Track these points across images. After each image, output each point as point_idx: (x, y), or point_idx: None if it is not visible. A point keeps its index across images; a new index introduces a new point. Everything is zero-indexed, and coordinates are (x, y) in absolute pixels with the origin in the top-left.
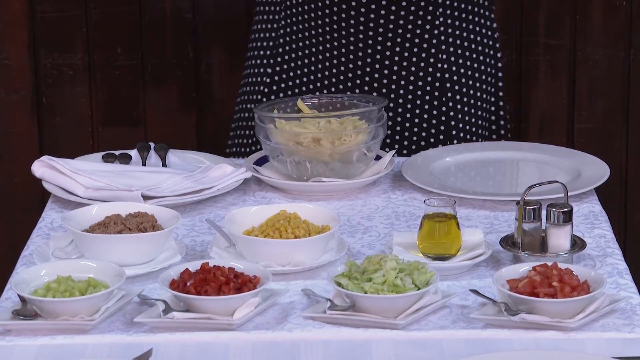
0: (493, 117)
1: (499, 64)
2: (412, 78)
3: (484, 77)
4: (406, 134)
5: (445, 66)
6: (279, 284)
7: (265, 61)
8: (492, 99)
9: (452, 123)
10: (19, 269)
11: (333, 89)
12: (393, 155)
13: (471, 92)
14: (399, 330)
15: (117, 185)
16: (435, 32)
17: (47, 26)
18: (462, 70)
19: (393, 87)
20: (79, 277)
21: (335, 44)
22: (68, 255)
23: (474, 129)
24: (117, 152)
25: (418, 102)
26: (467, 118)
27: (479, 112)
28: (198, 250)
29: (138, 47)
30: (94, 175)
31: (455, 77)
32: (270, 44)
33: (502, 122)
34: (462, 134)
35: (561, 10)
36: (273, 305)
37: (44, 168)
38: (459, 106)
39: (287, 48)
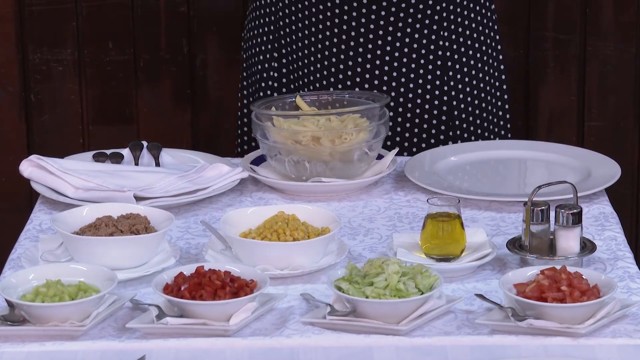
0: (496, 118)
1: (501, 66)
2: (415, 75)
3: (487, 77)
4: (409, 132)
5: (449, 64)
6: (277, 288)
7: (268, 56)
8: (495, 98)
9: (457, 122)
10: (7, 272)
11: (333, 87)
12: (396, 155)
13: (475, 91)
14: (402, 336)
15: (108, 186)
16: (439, 29)
17: (35, 20)
18: (465, 69)
19: (395, 84)
20: (68, 281)
21: (336, 40)
22: (57, 258)
23: (479, 131)
24: (108, 151)
25: (421, 100)
26: (471, 118)
27: (483, 112)
28: (193, 253)
29: (130, 42)
30: (84, 175)
31: (459, 75)
32: (270, 37)
33: (502, 122)
34: (466, 134)
35: (570, 3)
36: (271, 310)
37: (32, 168)
38: (462, 105)
39: (288, 40)
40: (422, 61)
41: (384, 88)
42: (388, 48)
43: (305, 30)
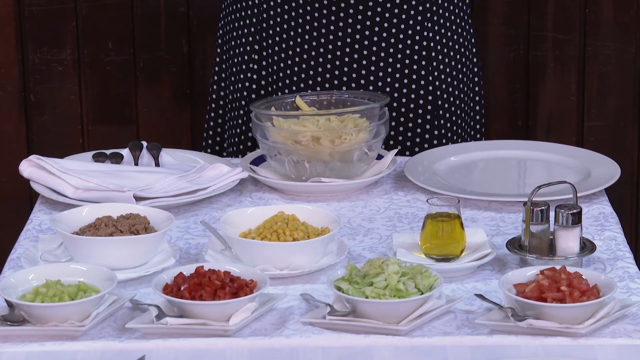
0: (472, 112)
1: (474, 59)
2: (413, 76)
3: (464, 70)
4: (408, 132)
5: (442, 66)
6: (276, 288)
7: (248, 48)
8: (472, 93)
9: (450, 123)
10: (6, 272)
11: (320, 87)
12: (395, 155)
13: (455, 82)
14: (402, 336)
15: (108, 186)
16: (423, 20)
17: (35, 20)
18: (454, 73)
19: (396, 85)
20: (68, 282)
21: (339, 43)
22: (57, 258)
23: (460, 122)
24: (108, 151)
25: (420, 100)
26: (452, 108)
27: (462, 102)
28: (192, 253)
29: (130, 42)
30: (84, 175)
31: (449, 78)
32: (252, 29)
33: (479, 126)
34: (450, 124)
35: (570, 3)
36: (270, 310)
37: (32, 168)
38: (452, 107)
39: (276, 41)
40: (422, 62)
41: (388, 89)
42: (388, 49)
43: (290, 28)
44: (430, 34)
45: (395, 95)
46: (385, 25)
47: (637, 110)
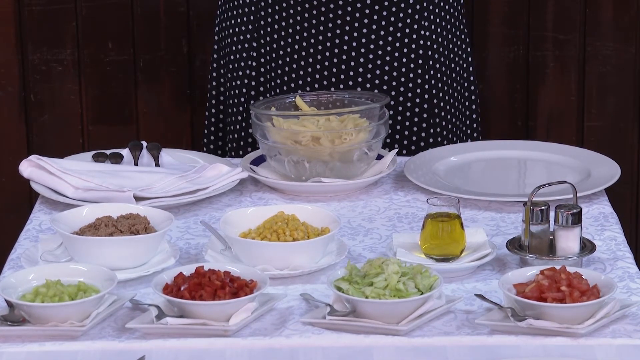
0: (472, 117)
1: (470, 58)
2: (411, 76)
3: (460, 71)
4: (407, 132)
5: (433, 70)
6: (276, 288)
7: (246, 45)
8: (469, 99)
9: (441, 126)
10: (6, 272)
11: (332, 88)
12: (395, 155)
13: (455, 92)
14: (402, 336)
15: (108, 186)
16: (428, 28)
17: (35, 20)
18: (447, 74)
19: (393, 84)
20: (68, 282)
21: (333, 42)
22: (57, 258)
23: (453, 128)
24: (108, 152)
25: (417, 100)
26: (451, 122)
27: (463, 113)
28: (192, 253)
29: (130, 42)
30: (84, 175)
31: (440, 82)
32: (250, 27)
33: (475, 125)
34: (452, 133)
35: (570, 3)
36: (270, 310)
37: (32, 168)
38: (443, 111)
39: (274, 38)
40: (418, 61)
41: (384, 87)
42: (386, 48)
43: (288, 26)
44: (426, 34)
45: (393, 94)
46: (382, 25)
47: (637, 110)
